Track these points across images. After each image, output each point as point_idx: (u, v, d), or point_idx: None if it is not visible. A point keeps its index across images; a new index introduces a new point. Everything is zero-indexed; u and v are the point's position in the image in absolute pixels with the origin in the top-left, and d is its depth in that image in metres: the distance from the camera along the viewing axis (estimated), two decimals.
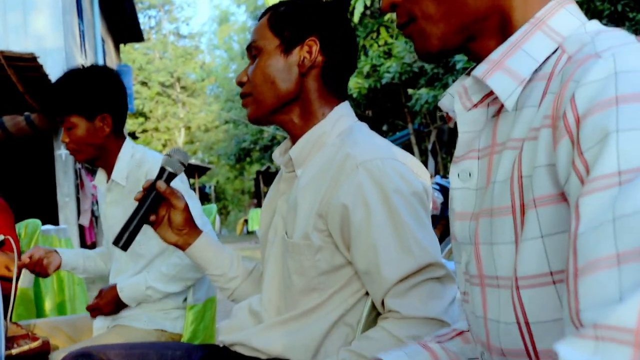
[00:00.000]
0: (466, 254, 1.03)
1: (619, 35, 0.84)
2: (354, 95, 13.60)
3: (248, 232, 26.76)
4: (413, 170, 1.55)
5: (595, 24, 0.94)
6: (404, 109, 14.90)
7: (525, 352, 0.88)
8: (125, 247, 1.65)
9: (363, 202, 1.46)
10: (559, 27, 0.93)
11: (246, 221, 27.39)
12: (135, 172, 2.47)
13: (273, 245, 1.71)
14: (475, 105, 1.01)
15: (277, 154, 1.78)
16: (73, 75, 2.45)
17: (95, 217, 11.17)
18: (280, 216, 1.71)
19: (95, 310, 2.51)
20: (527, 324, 0.87)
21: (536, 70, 0.92)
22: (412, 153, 14.67)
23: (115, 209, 2.54)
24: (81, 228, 10.71)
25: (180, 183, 2.27)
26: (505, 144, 0.93)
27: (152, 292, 2.42)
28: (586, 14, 7.54)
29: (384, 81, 13.20)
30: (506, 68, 0.93)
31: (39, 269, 2.56)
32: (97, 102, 2.43)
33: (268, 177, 28.28)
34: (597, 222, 0.68)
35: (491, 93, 0.97)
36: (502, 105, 0.97)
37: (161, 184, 1.67)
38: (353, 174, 1.48)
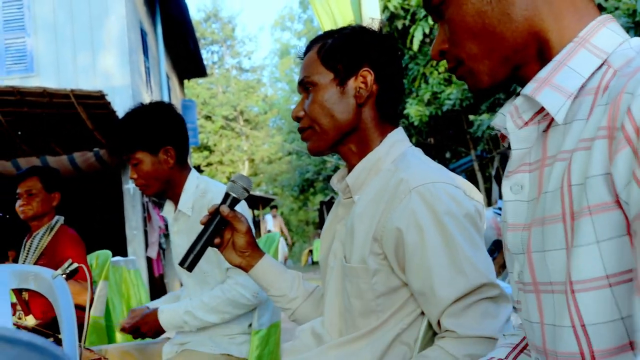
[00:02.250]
0: (519, 264, 1.07)
1: None
2: (415, 123, 13.56)
3: (313, 263, 26.76)
4: (465, 193, 1.58)
5: (638, 40, 0.99)
6: (466, 136, 14.79)
7: (580, 354, 0.91)
8: (190, 268, 1.72)
9: (416, 225, 1.49)
10: (602, 44, 0.98)
11: (311, 251, 27.41)
12: (200, 202, 2.56)
13: (333, 269, 1.76)
14: (527, 123, 1.06)
15: (334, 180, 1.83)
16: (133, 115, 2.57)
17: (162, 250, 11.38)
18: (339, 241, 1.75)
19: (134, 330, 2.58)
20: (583, 326, 0.90)
21: (583, 86, 0.97)
22: (476, 179, 14.51)
23: (182, 238, 2.62)
24: (149, 260, 10.91)
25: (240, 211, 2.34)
26: (556, 156, 0.97)
27: (190, 317, 2.48)
28: None
29: (445, 108, 13.14)
30: (554, 84, 0.98)
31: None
32: (159, 136, 2.53)
33: (332, 207, 28.09)
34: None
35: (541, 110, 1.02)
36: (552, 120, 1.01)
37: (225, 208, 1.74)
38: (406, 199, 1.52)
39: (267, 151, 41.22)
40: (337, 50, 1.68)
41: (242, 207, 2.44)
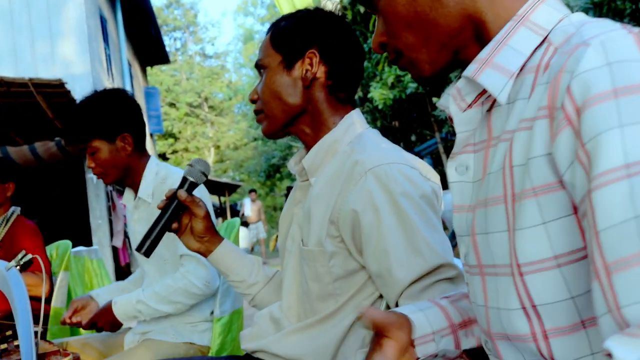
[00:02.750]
0: (464, 246, 1.07)
1: (604, 24, 0.87)
2: (380, 107, 13.56)
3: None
4: (421, 173, 1.57)
5: (579, 15, 0.98)
6: (431, 118, 14.85)
7: (532, 334, 0.91)
8: (147, 254, 1.69)
9: (372, 207, 1.47)
10: (541, 21, 0.97)
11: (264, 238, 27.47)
12: (160, 188, 2.52)
13: (291, 253, 1.74)
14: (470, 105, 1.04)
15: (292, 163, 1.81)
16: (87, 103, 2.52)
17: (127, 238, 11.29)
18: (297, 225, 1.74)
19: (92, 325, 2.53)
20: (534, 307, 0.90)
21: (524, 65, 0.96)
22: (441, 162, 14.59)
23: (142, 225, 2.58)
24: (115, 250, 10.83)
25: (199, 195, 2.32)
26: (500, 137, 0.96)
27: (142, 307, 2.45)
28: (607, 13, 7.47)
29: (408, 91, 13.15)
30: (495, 64, 0.97)
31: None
32: (115, 123, 2.49)
33: None
34: (619, 219, 0.72)
35: (484, 91, 1.01)
36: (495, 101, 1.00)
37: (182, 193, 1.72)
38: (362, 180, 1.50)
39: (233, 137, 41.17)
40: (285, 32, 1.68)
41: (202, 192, 2.42)
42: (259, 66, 1.72)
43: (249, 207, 19.63)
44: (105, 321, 2.50)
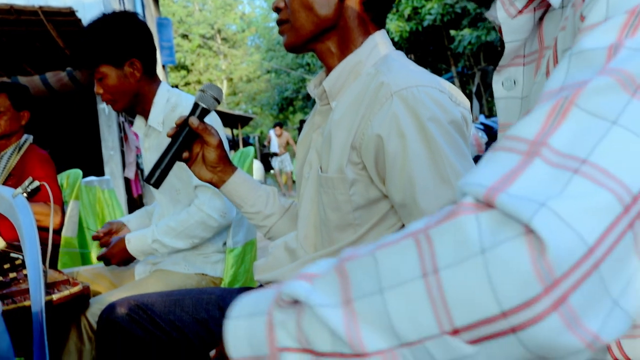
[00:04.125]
0: None
1: None
2: (396, 39, 13.38)
3: (294, 182, 26.80)
4: (451, 98, 1.47)
5: None
6: (447, 52, 14.64)
7: None
8: (157, 185, 1.61)
9: (398, 132, 1.38)
10: None
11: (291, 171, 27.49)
12: (170, 116, 2.44)
13: (308, 180, 1.66)
14: (521, 11, 0.93)
15: (311, 86, 1.72)
16: (94, 27, 2.41)
17: (140, 170, 11.28)
18: (315, 150, 1.65)
19: (104, 259, 2.51)
20: None
21: None
22: None
23: (153, 154, 2.52)
24: (128, 181, 10.83)
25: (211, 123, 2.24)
26: (550, 45, 0.86)
27: (158, 245, 2.40)
28: None
29: (425, 23, 12.94)
30: None
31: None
32: (123, 48, 2.39)
33: None
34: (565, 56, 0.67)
35: None
36: (549, 6, 0.89)
37: (194, 120, 1.62)
38: (387, 103, 1.40)
39: (246, 70, 40.97)
40: None
41: (214, 119, 2.34)
42: None
43: (275, 142, 19.06)
44: (120, 259, 2.46)
